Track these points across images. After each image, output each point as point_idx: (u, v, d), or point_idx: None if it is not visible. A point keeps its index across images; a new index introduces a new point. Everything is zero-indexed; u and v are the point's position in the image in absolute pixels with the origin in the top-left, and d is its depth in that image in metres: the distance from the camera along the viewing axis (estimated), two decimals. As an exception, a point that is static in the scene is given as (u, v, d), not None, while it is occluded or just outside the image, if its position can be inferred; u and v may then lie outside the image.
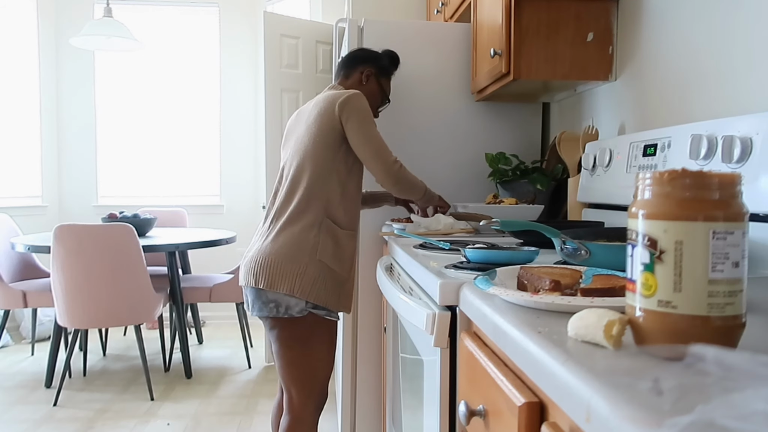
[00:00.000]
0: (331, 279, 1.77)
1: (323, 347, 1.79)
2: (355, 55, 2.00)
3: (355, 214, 1.87)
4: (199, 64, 4.90)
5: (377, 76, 1.98)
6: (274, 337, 1.77)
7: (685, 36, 1.52)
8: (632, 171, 1.57)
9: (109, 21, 3.65)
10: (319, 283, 1.75)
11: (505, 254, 1.15)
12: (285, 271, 1.72)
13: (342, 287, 1.82)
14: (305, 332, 1.76)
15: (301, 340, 1.76)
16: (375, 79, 1.98)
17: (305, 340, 1.76)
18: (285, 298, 1.72)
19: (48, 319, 4.28)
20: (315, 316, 1.76)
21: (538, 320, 0.70)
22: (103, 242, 3.02)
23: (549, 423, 0.61)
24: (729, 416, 0.37)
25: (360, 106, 1.79)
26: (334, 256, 1.78)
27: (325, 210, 1.78)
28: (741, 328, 0.54)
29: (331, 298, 1.78)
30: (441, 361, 1.03)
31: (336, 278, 1.79)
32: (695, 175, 0.53)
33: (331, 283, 1.78)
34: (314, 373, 1.79)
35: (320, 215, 1.78)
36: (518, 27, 1.88)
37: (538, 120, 2.52)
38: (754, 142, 1.13)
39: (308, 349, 1.77)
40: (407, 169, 1.90)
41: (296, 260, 1.73)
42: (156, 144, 4.91)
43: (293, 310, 1.73)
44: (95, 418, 2.92)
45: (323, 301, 1.75)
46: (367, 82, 1.97)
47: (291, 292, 1.71)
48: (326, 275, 1.76)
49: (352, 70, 1.98)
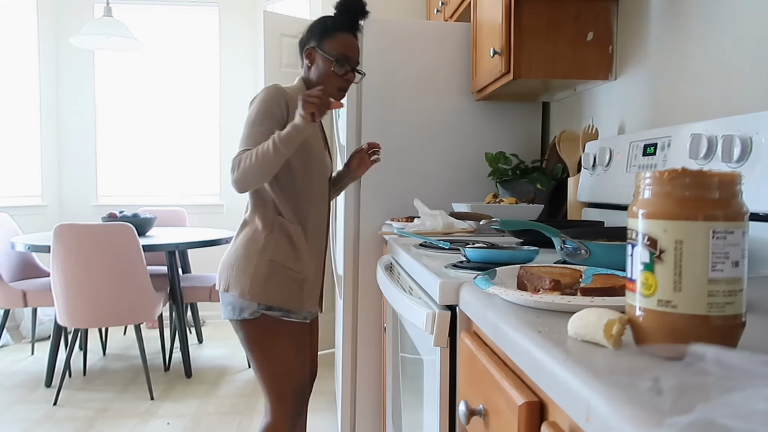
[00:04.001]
0: (287, 278, 1.68)
1: (286, 350, 1.69)
2: (299, 40, 1.77)
3: (306, 209, 1.72)
4: (199, 63, 4.90)
5: (318, 47, 1.70)
6: (239, 340, 1.73)
7: (684, 35, 1.52)
8: (632, 170, 1.57)
9: (109, 20, 3.65)
10: (272, 283, 1.65)
11: (505, 254, 1.15)
12: (238, 272, 1.67)
13: (302, 286, 1.71)
14: (262, 335, 1.68)
15: (259, 343, 1.68)
16: (317, 52, 1.70)
17: (263, 343, 1.68)
18: (239, 300, 1.66)
19: (48, 319, 4.28)
20: (270, 318, 1.66)
21: (538, 320, 0.70)
22: (103, 242, 3.02)
23: (549, 422, 0.61)
24: (729, 415, 0.37)
25: (253, 104, 1.65)
26: (287, 255, 1.68)
27: (275, 208, 1.69)
28: (741, 327, 0.54)
29: (289, 298, 1.68)
30: (441, 360, 1.03)
31: (293, 277, 1.69)
32: (695, 175, 0.53)
33: (289, 283, 1.68)
34: (280, 377, 1.70)
35: (271, 214, 1.69)
36: (518, 26, 1.88)
37: (538, 119, 2.52)
38: (754, 142, 1.13)
39: (269, 352, 1.68)
40: (254, 152, 1.55)
41: (248, 261, 1.67)
42: (156, 143, 4.90)
43: (245, 313, 1.66)
44: (95, 417, 2.92)
45: (278, 302, 1.66)
46: (313, 62, 1.72)
47: (243, 293, 1.65)
48: (281, 275, 1.67)
49: (301, 59, 1.76)
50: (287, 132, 1.53)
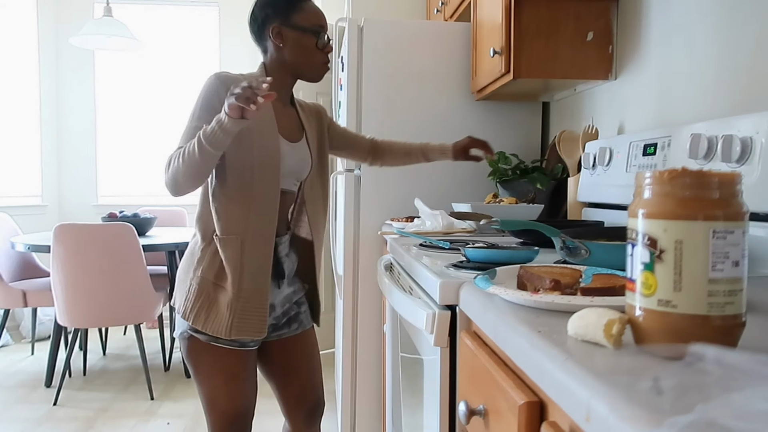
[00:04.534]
0: (217, 298, 1.47)
1: (214, 376, 1.51)
2: (251, 22, 1.56)
3: (244, 214, 1.46)
4: (199, 63, 4.89)
5: (285, 24, 1.51)
6: None
7: (684, 35, 1.52)
8: (632, 170, 1.57)
9: (109, 20, 3.65)
10: (201, 303, 1.47)
11: (505, 253, 1.15)
12: (178, 287, 1.54)
13: (232, 307, 1.45)
14: (193, 357, 1.52)
15: (192, 364, 1.54)
16: (287, 30, 1.51)
17: (194, 365, 1.53)
18: (177, 316, 1.53)
19: (48, 319, 4.28)
20: (197, 341, 1.50)
21: (538, 319, 0.70)
22: (103, 241, 3.02)
23: (549, 422, 0.61)
24: (729, 415, 0.37)
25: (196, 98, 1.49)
26: (218, 270, 1.47)
27: (212, 217, 1.49)
28: (741, 327, 0.54)
29: (215, 322, 1.46)
30: (441, 360, 1.03)
31: (223, 296, 1.46)
32: (695, 175, 0.53)
33: (218, 303, 1.46)
34: (211, 403, 1.54)
35: (208, 224, 1.49)
36: (518, 26, 1.88)
37: (537, 119, 2.52)
38: (754, 142, 1.13)
39: (199, 375, 1.53)
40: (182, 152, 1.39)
41: (184, 277, 1.52)
42: (156, 143, 4.90)
43: (178, 331, 1.53)
44: (95, 417, 2.92)
45: (202, 325, 1.46)
46: (284, 42, 1.51)
47: (178, 310, 1.51)
48: (211, 293, 1.47)
49: (262, 41, 1.56)
50: (211, 128, 1.32)
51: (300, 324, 1.69)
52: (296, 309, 1.69)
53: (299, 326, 1.69)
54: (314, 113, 1.72)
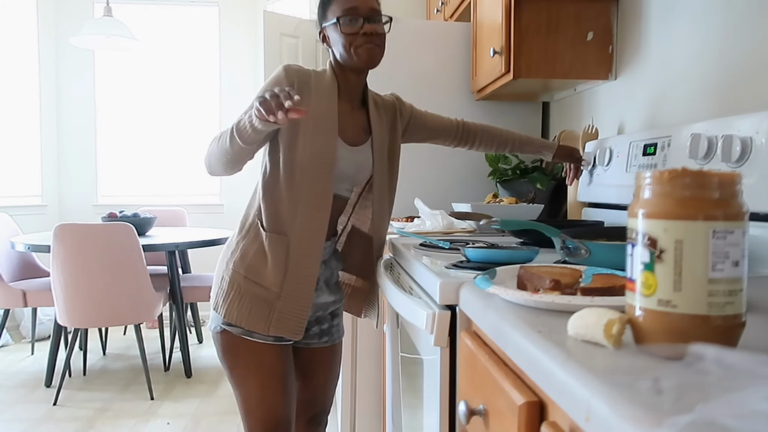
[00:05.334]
0: (251, 294, 1.43)
1: (251, 376, 1.47)
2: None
3: (291, 214, 1.42)
4: (198, 63, 4.90)
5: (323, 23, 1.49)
6: None
7: (684, 35, 1.52)
8: (632, 170, 1.57)
9: (109, 20, 3.65)
10: (233, 296, 1.44)
11: (505, 253, 1.15)
12: (215, 280, 1.51)
13: (272, 306, 1.42)
14: (227, 354, 1.48)
15: (227, 364, 1.50)
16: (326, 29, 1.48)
17: (230, 365, 1.49)
18: (211, 311, 1.50)
19: (48, 319, 4.28)
20: (230, 335, 1.46)
21: (538, 319, 0.70)
22: (103, 241, 3.02)
23: (549, 422, 0.61)
24: (729, 415, 0.37)
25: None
26: (251, 266, 1.44)
27: (258, 211, 1.47)
28: (741, 327, 0.54)
29: (251, 317, 1.43)
30: (441, 360, 1.03)
31: (258, 294, 1.43)
32: (695, 175, 0.53)
33: (252, 299, 1.43)
34: (244, 400, 1.49)
35: (253, 217, 1.48)
36: (518, 26, 1.88)
37: (537, 119, 2.52)
38: (754, 142, 1.13)
39: (233, 370, 1.49)
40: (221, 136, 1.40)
41: (220, 268, 1.50)
42: (156, 143, 4.90)
43: (212, 325, 1.50)
44: (95, 417, 2.92)
45: (235, 319, 1.43)
46: (327, 41, 1.50)
47: (212, 304, 1.49)
48: (243, 288, 1.43)
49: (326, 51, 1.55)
50: (244, 123, 1.31)
51: (330, 338, 1.67)
52: (329, 322, 1.66)
53: (329, 340, 1.67)
54: (389, 110, 1.64)
